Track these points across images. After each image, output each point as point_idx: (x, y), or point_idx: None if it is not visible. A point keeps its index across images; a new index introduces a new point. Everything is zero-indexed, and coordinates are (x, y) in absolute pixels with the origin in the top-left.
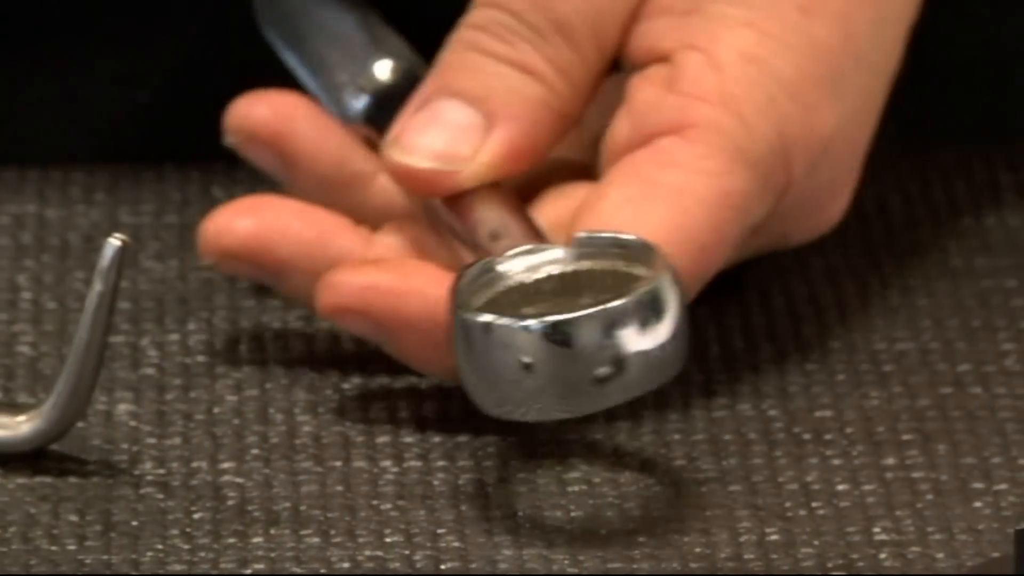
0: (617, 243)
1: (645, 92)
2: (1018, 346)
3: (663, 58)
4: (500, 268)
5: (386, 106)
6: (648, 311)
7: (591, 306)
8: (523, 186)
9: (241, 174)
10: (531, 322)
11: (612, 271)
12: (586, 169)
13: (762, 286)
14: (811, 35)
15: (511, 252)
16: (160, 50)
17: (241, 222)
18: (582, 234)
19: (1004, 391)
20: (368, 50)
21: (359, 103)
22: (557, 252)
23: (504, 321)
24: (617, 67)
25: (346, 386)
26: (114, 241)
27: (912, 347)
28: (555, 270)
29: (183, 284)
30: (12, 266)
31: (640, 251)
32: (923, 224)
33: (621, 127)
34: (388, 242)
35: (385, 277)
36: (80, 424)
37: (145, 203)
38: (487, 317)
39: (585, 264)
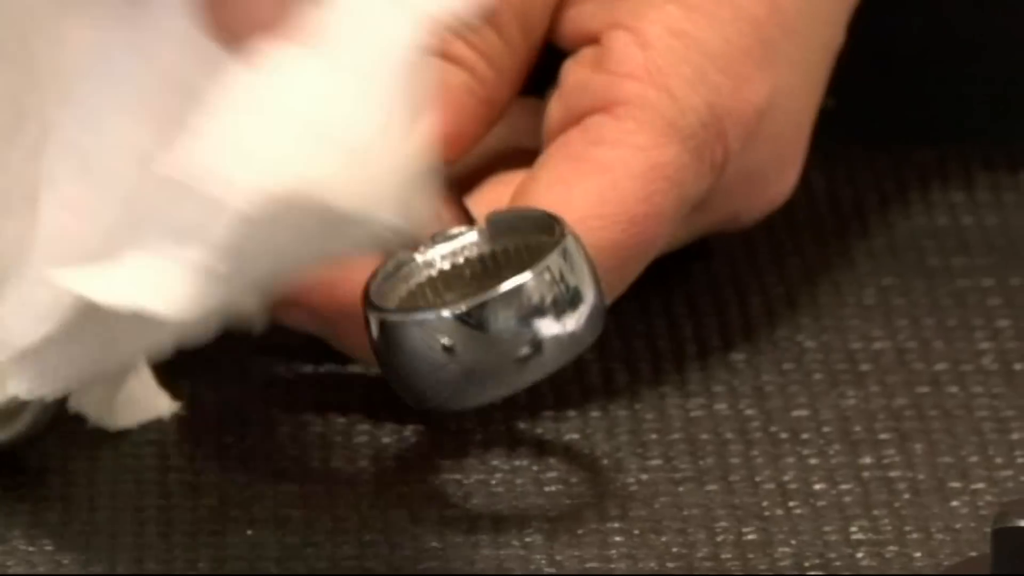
0: (524, 219)
1: (574, 73)
2: (995, 345)
3: (592, 39)
4: (418, 259)
5: None
6: (553, 280)
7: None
8: (472, 175)
9: None
10: (445, 311)
11: (526, 247)
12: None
13: (738, 285)
14: (737, 7)
15: (428, 241)
16: None
17: None
18: (492, 214)
19: (981, 390)
20: None
21: None
22: (473, 236)
23: (419, 315)
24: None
25: (324, 386)
26: None
27: (889, 346)
28: (473, 253)
29: None
30: None
31: (546, 223)
32: (899, 223)
33: (553, 110)
34: None
35: (324, 270)
36: (59, 423)
37: None
38: (401, 313)
39: (501, 244)
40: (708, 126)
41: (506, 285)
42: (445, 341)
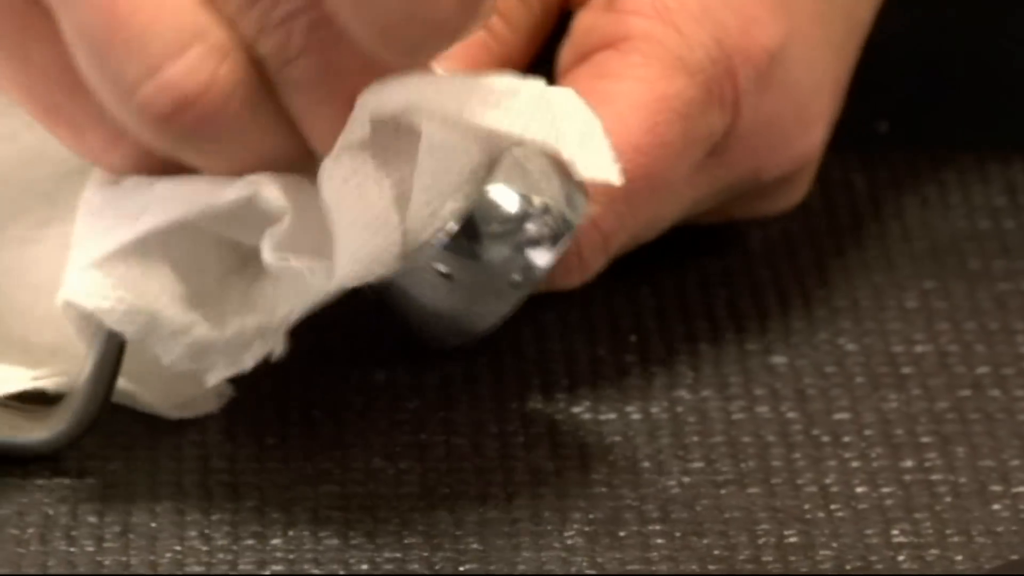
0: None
1: (584, 18)
2: None
3: None
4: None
5: None
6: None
7: None
8: None
9: None
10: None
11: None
12: None
13: (780, 287)
14: None
15: None
16: None
17: None
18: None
19: (1022, 393)
20: None
21: None
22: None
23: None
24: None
25: (368, 386)
26: None
27: (930, 349)
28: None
29: None
30: None
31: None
32: (941, 226)
33: (564, 54)
34: None
35: None
36: (99, 425)
37: None
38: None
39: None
40: (716, 62)
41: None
42: (442, 268)
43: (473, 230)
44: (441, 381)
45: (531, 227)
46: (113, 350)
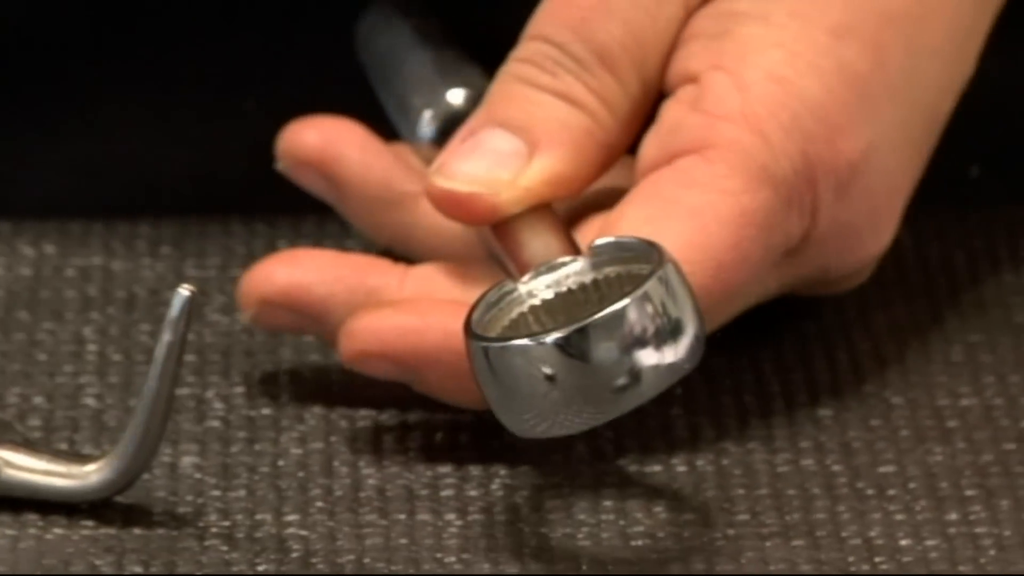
0: (626, 248)
1: (671, 113)
2: None
3: (693, 80)
4: (521, 289)
5: (456, 132)
6: (652, 307)
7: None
8: (575, 217)
9: (307, 227)
10: (546, 338)
11: (628, 275)
12: None
13: (825, 341)
14: (841, 59)
15: (532, 272)
16: (228, 104)
17: (279, 270)
18: (595, 243)
19: None
20: (442, 78)
21: (430, 128)
22: (575, 266)
23: (519, 342)
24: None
25: (410, 441)
26: (183, 291)
27: (975, 403)
28: (575, 283)
29: (249, 337)
30: (78, 318)
31: (646, 251)
32: (987, 280)
33: (648, 147)
34: (423, 274)
35: (402, 317)
36: (146, 476)
37: (211, 256)
38: (501, 341)
39: (602, 272)
40: (800, 173)
41: (605, 311)
42: (547, 370)
43: (583, 331)
44: (481, 436)
45: (634, 320)
46: (162, 400)
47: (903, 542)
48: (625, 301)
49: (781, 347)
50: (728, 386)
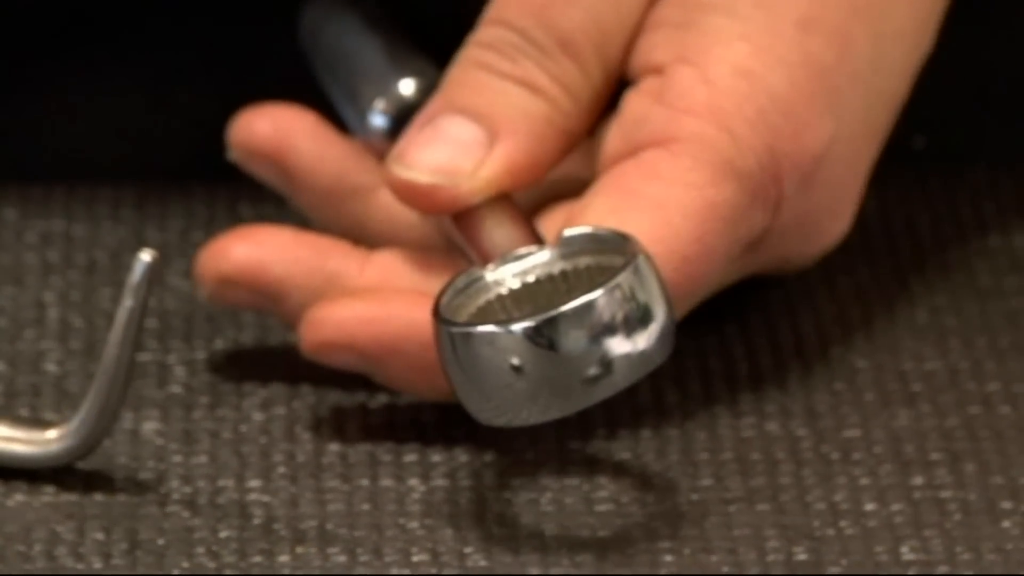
0: (595, 238)
1: (635, 104)
2: None
3: (657, 71)
4: (488, 277)
5: (408, 123)
6: (624, 298)
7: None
8: (533, 204)
9: (268, 191)
10: (515, 326)
11: (597, 266)
12: None
13: (790, 305)
14: (807, 51)
15: (499, 260)
16: (189, 67)
17: (237, 247)
18: (565, 234)
19: None
20: (392, 69)
21: (381, 119)
22: (543, 255)
23: (487, 328)
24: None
25: (373, 405)
26: (144, 257)
27: (940, 366)
28: (543, 273)
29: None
30: (39, 283)
31: (618, 243)
32: (951, 243)
33: (611, 139)
34: (384, 261)
35: (365, 307)
36: (107, 442)
37: (172, 220)
38: (470, 327)
39: (571, 263)
40: (766, 168)
41: (576, 301)
42: (514, 361)
43: (556, 332)
44: (445, 402)
45: (605, 311)
46: (123, 365)
47: (868, 506)
48: (598, 291)
49: (745, 311)
50: (692, 350)
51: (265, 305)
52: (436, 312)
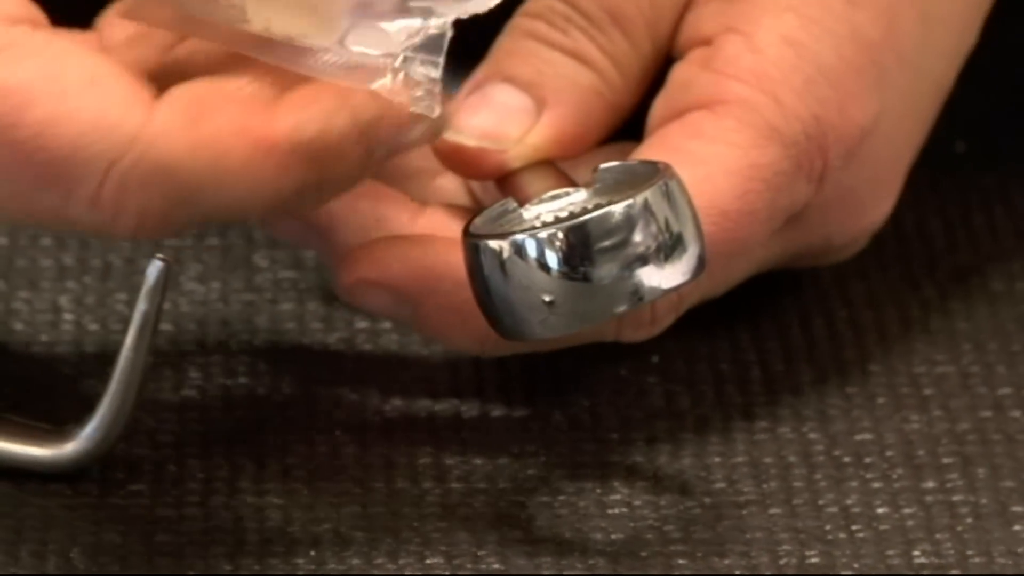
0: (630, 170)
1: (682, 72)
2: None
3: (705, 42)
4: (523, 212)
5: None
6: (654, 218)
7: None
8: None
9: None
10: (541, 232)
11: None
12: None
13: (802, 309)
14: (854, 25)
15: (536, 200)
16: None
17: None
18: (602, 167)
19: None
20: None
21: None
22: (580, 195)
23: (516, 236)
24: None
25: (388, 408)
26: (158, 261)
27: (952, 370)
28: (577, 208)
29: (225, 306)
30: (54, 287)
31: (652, 172)
32: (963, 248)
33: (657, 106)
34: (436, 215)
35: (403, 247)
36: (122, 444)
37: None
38: (498, 236)
39: (606, 197)
40: (811, 137)
41: (602, 210)
42: (543, 267)
43: (585, 243)
44: (458, 404)
45: (639, 237)
46: (138, 369)
47: (880, 510)
48: (625, 202)
49: (757, 315)
50: (704, 354)
51: (312, 240)
52: (466, 231)
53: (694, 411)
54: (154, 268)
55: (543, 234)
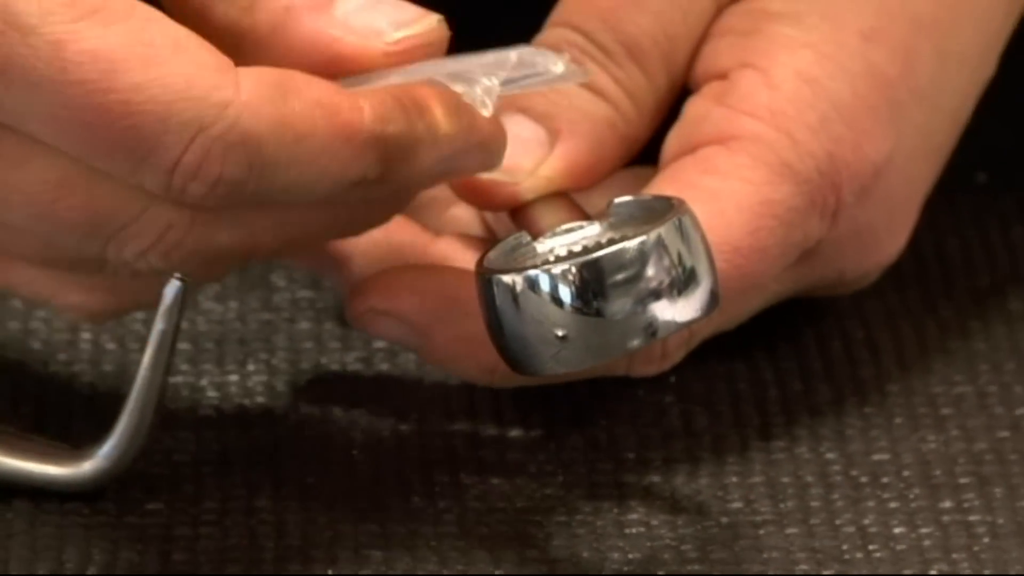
0: (644, 205)
1: (696, 106)
2: None
3: (721, 76)
4: (536, 246)
5: None
6: (667, 253)
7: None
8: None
9: None
10: (556, 267)
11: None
12: None
13: (819, 329)
14: (870, 62)
15: (548, 233)
16: None
17: None
18: (616, 201)
19: None
20: None
21: None
22: (594, 228)
23: (530, 271)
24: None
25: (405, 427)
26: (176, 281)
27: (970, 390)
28: (591, 242)
29: (243, 325)
30: None
31: (666, 208)
32: (981, 268)
33: (671, 140)
34: (448, 245)
35: (413, 275)
36: (140, 463)
37: None
38: (513, 271)
39: (619, 232)
40: (825, 175)
41: (616, 246)
42: (555, 305)
43: (598, 278)
44: (476, 424)
45: (652, 273)
46: (156, 388)
47: (897, 530)
48: (639, 238)
49: (774, 335)
50: (721, 374)
51: (327, 268)
52: (480, 265)
53: (711, 431)
54: (172, 287)
55: (557, 269)
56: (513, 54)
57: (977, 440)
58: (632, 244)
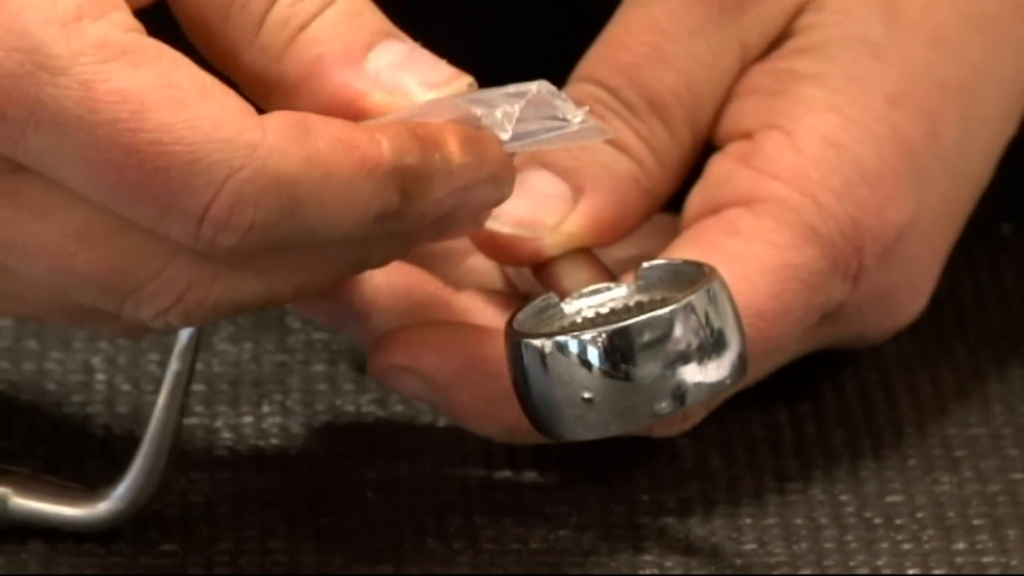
0: (673, 269)
1: (720, 166)
2: None
3: (745, 136)
4: (564, 307)
5: None
6: (698, 320)
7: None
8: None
9: None
10: (586, 334)
11: (673, 298)
12: None
13: (834, 371)
14: (896, 127)
15: (575, 295)
16: None
17: None
18: (645, 265)
19: None
20: None
21: None
22: (621, 290)
23: (560, 337)
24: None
25: (420, 469)
26: None
27: (983, 432)
28: (619, 304)
29: (257, 367)
30: (87, 348)
31: (695, 273)
32: (995, 310)
33: (694, 199)
34: (468, 300)
35: (435, 333)
36: (154, 504)
37: None
38: (543, 336)
39: (647, 295)
40: (848, 238)
41: (647, 315)
42: (584, 371)
43: (628, 345)
44: (490, 466)
45: (682, 342)
46: (170, 429)
47: (911, 571)
48: (670, 307)
49: (788, 378)
50: (736, 417)
51: (347, 323)
52: (509, 326)
53: (725, 472)
54: (186, 329)
55: (587, 335)
56: (533, 85)
57: (991, 482)
58: (663, 312)
